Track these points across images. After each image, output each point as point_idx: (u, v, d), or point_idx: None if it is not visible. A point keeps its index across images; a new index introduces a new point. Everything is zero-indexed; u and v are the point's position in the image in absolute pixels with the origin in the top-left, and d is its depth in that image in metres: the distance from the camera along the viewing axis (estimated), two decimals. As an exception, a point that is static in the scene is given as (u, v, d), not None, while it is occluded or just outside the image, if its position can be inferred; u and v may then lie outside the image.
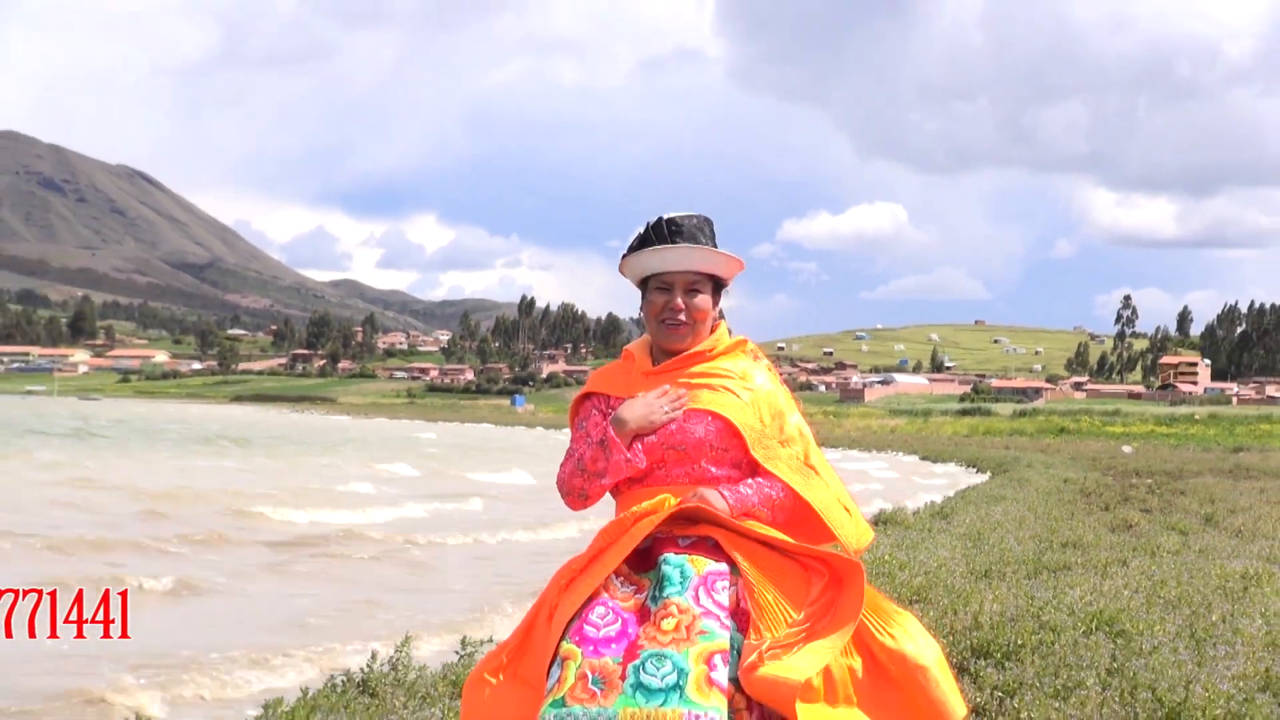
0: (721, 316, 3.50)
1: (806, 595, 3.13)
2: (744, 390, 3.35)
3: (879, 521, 15.51)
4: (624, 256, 3.41)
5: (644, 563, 3.16)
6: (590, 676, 2.91)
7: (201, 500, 23.58)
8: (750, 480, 3.29)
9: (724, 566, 3.12)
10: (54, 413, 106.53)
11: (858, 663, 3.09)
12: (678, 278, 3.34)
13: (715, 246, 3.36)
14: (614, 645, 2.97)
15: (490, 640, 7.13)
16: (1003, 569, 10.29)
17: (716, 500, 3.19)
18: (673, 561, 3.09)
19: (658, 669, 2.88)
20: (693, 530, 3.19)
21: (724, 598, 3.06)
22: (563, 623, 3.06)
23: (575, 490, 3.35)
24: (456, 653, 7.09)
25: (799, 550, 3.20)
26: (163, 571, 13.73)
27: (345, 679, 6.47)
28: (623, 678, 2.90)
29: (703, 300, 3.36)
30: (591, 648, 2.97)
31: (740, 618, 3.06)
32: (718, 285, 3.43)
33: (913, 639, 3.14)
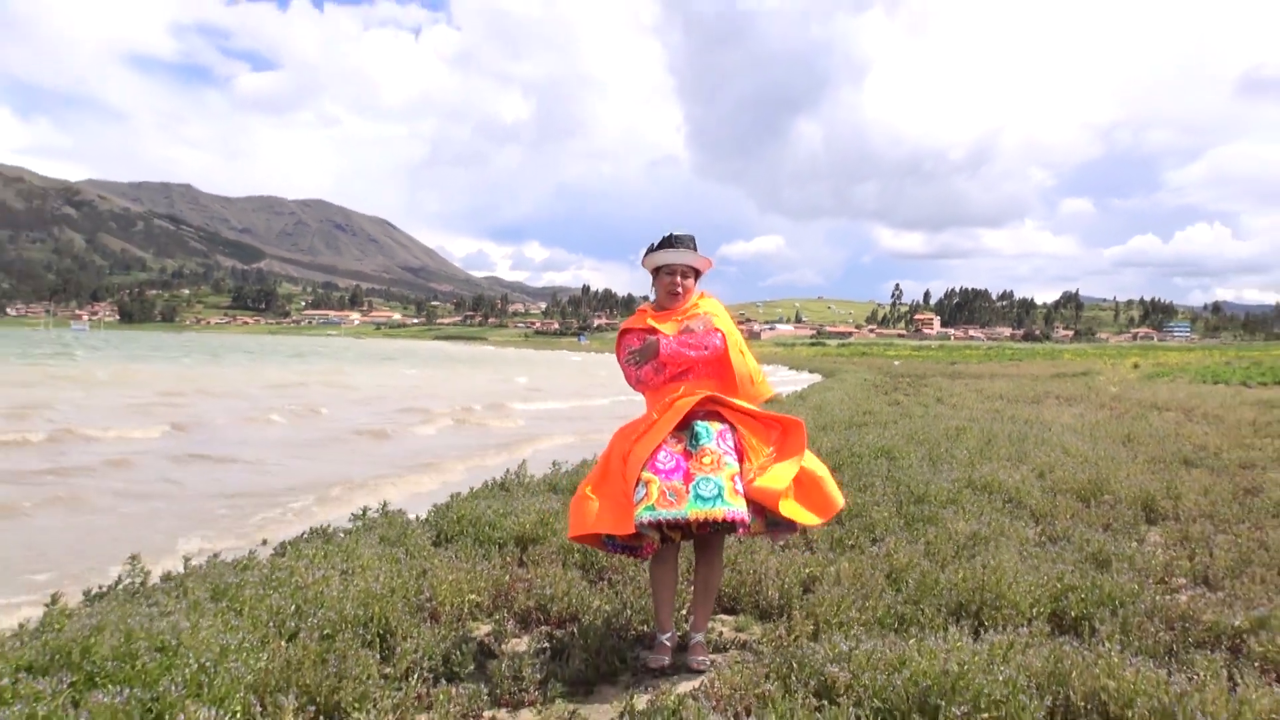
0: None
1: (768, 441, 3.04)
2: (715, 319, 3.18)
3: (766, 403, 15.31)
4: (646, 254, 3.24)
5: (680, 425, 3.00)
6: (667, 493, 2.78)
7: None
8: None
9: (726, 426, 3.01)
10: (371, 347, 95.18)
11: None
12: (677, 267, 3.19)
13: (695, 251, 3.21)
14: (676, 474, 2.83)
15: (583, 463, 6.95)
16: (832, 425, 10.26)
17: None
18: (700, 425, 2.98)
19: (705, 486, 2.78)
20: (708, 407, 3.05)
21: (730, 443, 2.96)
22: (641, 460, 2.87)
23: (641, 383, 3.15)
24: (550, 469, 6.89)
25: (763, 416, 3.08)
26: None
27: (492, 481, 6.37)
28: (687, 492, 2.77)
29: (690, 281, 3.22)
30: (664, 475, 2.83)
31: (738, 454, 2.96)
32: (697, 273, 3.27)
33: (814, 460, 3.07)
